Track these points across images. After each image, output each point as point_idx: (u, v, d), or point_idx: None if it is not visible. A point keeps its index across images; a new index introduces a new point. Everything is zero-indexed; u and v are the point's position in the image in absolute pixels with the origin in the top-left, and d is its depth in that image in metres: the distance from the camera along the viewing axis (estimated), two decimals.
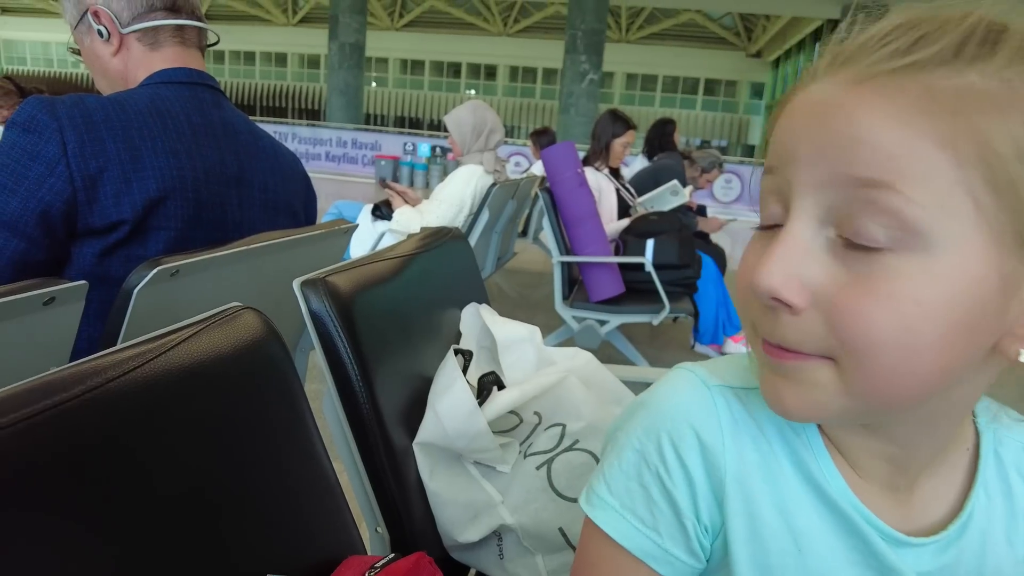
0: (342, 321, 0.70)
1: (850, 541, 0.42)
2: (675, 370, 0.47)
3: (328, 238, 1.16)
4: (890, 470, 0.42)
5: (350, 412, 0.71)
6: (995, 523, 0.44)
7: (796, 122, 0.36)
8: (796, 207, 0.35)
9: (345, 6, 14.95)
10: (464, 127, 2.65)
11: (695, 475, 0.42)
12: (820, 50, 0.39)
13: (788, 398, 0.38)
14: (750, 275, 0.36)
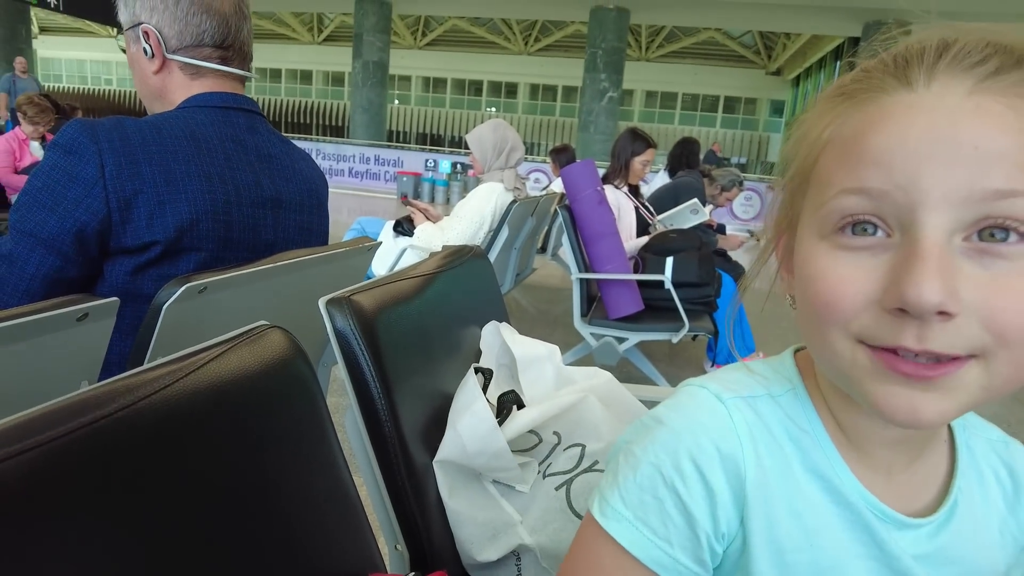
0: (366, 339, 0.71)
1: (856, 533, 0.45)
2: (686, 387, 0.49)
3: (352, 256, 1.18)
4: (891, 454, 0.46)
5: (372, 429, 0.72)
6: (976, 508, 0.48)
7: (911, 140, 0.36)
8: (927, 222, 0.36)
9: (369, 25, 15.21)
10: (485, 145, 2.68)
11: (717, 487, 0.44)
12: (859, 57, 0.41)
13: (927, 410, 0.38)
14: (905, 288, 0.35)
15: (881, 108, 0.38)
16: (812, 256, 0.41)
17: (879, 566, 0.45)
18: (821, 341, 0.41)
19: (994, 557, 0.48)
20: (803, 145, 0.44)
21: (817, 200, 0.41)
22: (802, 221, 0.44)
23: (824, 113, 0.43)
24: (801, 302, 0.43)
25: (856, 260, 0.39)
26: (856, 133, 0.39)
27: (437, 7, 17.28)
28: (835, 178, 0.40)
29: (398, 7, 16.13)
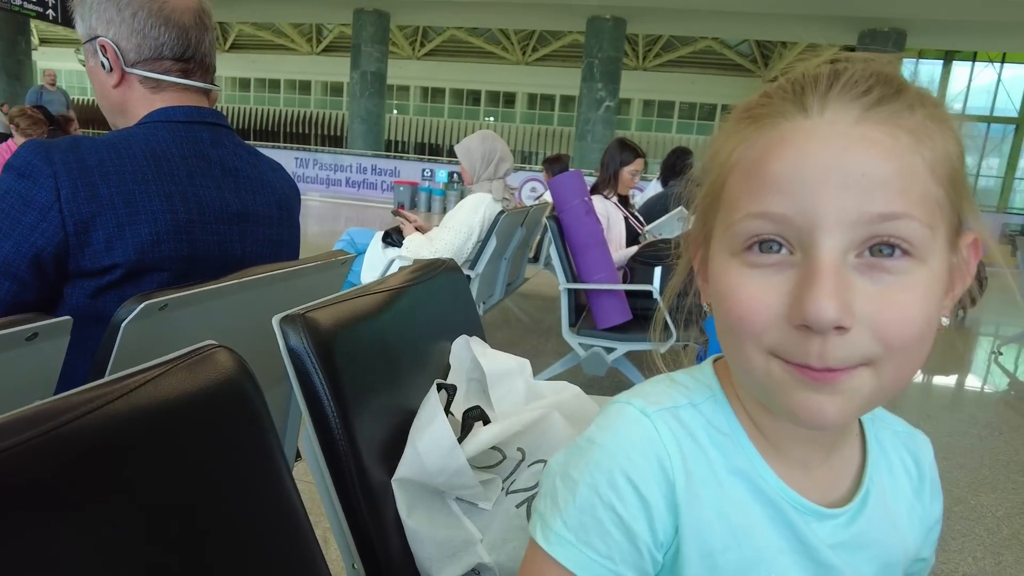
0: (320, 358, 0.71)
1: (779, 528, 0.48)
2: (614, 405, 0.50)
3: (325, 269, 1.17)
4: (807, 451, 0.50)
5: (326, 449, 0.71)
6: (886, 496, 0.52)
7: (808, 168, 0.40)
8: (824, 244, 0.39)
9: (367, 36, 15.28)
10: (474, 156, 2.68)
11: (651, 500, 0.47)
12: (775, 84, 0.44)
13: (830, 411, 0.41)
14: (806, 307, 0.39)
15: (781, 134, 0.42)
16: (725, 272, 0.44)
17: (801, 558, 0.48)
18: (738, 353, 0.44)
19: (904, 538, 0.53)
20: (714, 165, 0.47)
21: (726, 220, 0.44)
22: (714, 236, 0.47)
23: (732, 135, 0.45)
24: (717, 314, 0.46)
25: (764, 277, 0.42)
26: (759, 158, 0.42)
27: (435, 18, 17.36)
28: (742, 201, 0.43)
29: (396, 18, 16.21)
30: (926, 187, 0.40)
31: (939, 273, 0.41)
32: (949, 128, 0.42)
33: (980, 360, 4.90)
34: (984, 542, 2.14)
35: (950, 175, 0.41)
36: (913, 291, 0.40)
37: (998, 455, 2.96)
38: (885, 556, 0.52)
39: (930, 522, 0.56)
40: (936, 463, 0.57)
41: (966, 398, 4.10)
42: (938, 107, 0.42)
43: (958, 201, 0.42)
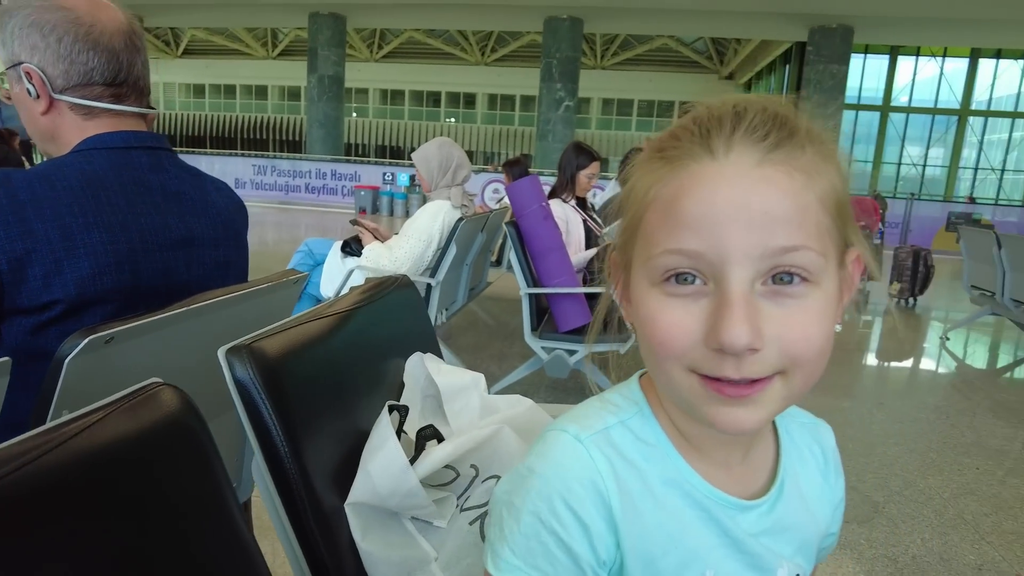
0: (267, 388, 0.71)
1: (709, 526, 0.53)
2: (550, 432, 0.54)
3: (277, 290, 1.17)
4: (727, 451, 0.55)
5: (277, 479, 0.72)
6: (799, 483, 0.59)
7: (717, 208, 0.44)
8: (733, 276, 0.44)
9: (324, 39, 15.12)
10: (431, 163, 2.69)
11: (590, 522, 0.50)
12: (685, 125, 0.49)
13: (748, 419, 0.47)
14: (721, 335, 0.44)
15: (691, 175, 0.46)
16: (645, 301, 0.48)
17: (731, 550, 0.53)
18: (661, 371, 0.49)
19: (816, 519, 0.60)
20: (632, 200, 0.51)
21: (645, 253, 0.48)
22: (634, 266, 0.51)
23: (647, 174, 0.49)
24: (640, 335, 0.50)
25: (682, 305, 0.46)
26: (673, 197, 0.46)
27: (392, 20, 17.25)
28: (659, 237, 0.47)
29: (353, 21, 16.07)
30: (818, 219, 0.45)
31: (831, 292, 0.47)
32: (834, 162, 0.48)
33: (929, 346, 5.07)
34: (932, 523, 2.23)
35: (836, 204, 0.47)
36: (812, 312, 0.46)
37: (945, 438, 3.07)
38: (802, 536, 0.58)
39: (835, 501, 0.63)
40: (887, 447, 0.64)
41: (916, 384, 4.24)
42: (824, 143, 0.47)
43: (843, 226, 0.48)
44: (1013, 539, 2.17)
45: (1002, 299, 4.68)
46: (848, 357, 4.62)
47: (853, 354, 4.72)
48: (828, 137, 0.48)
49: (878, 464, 2.69)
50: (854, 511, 2.27)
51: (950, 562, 2.00)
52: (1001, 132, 18.59)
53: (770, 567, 0.55)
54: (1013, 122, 18.21)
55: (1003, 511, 2.36)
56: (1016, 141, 18.41)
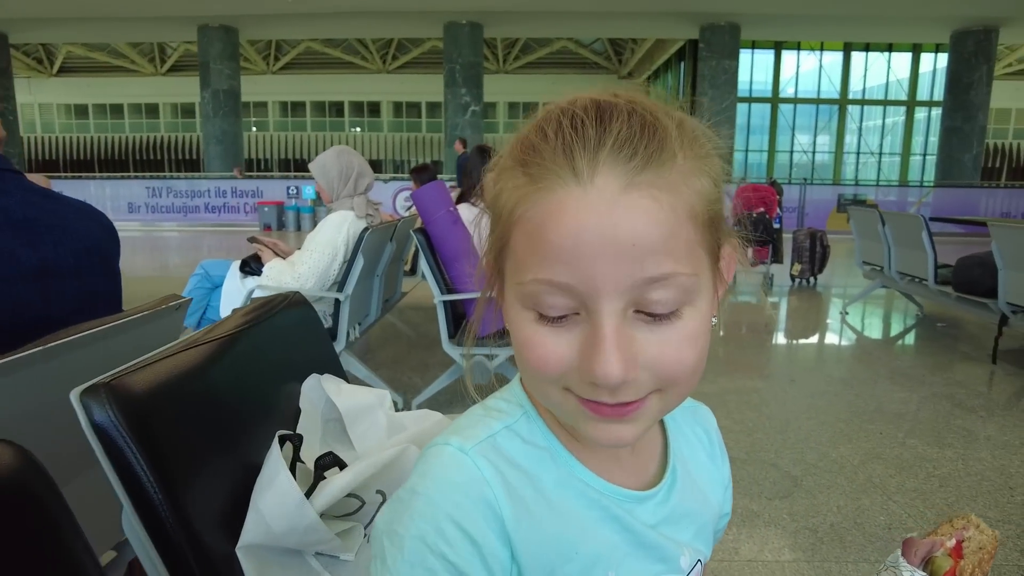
0: (135, 432, 0.63)
1: (608, 524, 0.51)
2: (432, 448, 0.50)
3: (155, 319, 1.07)
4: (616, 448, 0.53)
5: (152, 532, 0.64)
6: (690, 467, 0.59)
7: (584, 240, 0.42)
8: (604, 309, 0.43)
9: (215, 53, 14.50)
10: (330, 173, 2.58)
11: (481, 539, 0.47)
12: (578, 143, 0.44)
13: (627, 434, 0.46)
14: (595, 371, 0.42)
15: (558, 202, 0.43)
16: (518, 322, 0.46)
17: (633, 547, 0.52)
18: (538, 389, 0.48)
19: (711, 502, 0.61)
20: (499, 212, 0.47)
21: (515, 275, 0.46)
22: (507, 280, 0.47)
23: (512, 189, 0.46)
24: (518, 356, 0.47)
25: (555, 333, 0.45)
26: (540, 224, 0.43)
27: (286, 31, 16.74)
28: (528, 263, 0.44)
29: (245, 33, 15.49)
30: (689, 238, 0.44)
31: (706, 306, 0.46)
32: (706, 163, 0.46)
33: (832, 321, 5.36)
34: (845, 490, 2.33)
35: (708, 214, 0.45)
36: (686, 333, 0.45)
37: (852, 407, 3.23)
38: (699, 520, 0.59)
39: (725, 482, 0.64)
40: (801, 422, 0.65)
41: (823, 358, 4.46)
42: (698, 142, 0.46)
43: (715, 231, 0.47)
44: (915, 496, 2.29)
45: (889, 272, 5.00)
46: (759, 339, 4.80)
47: (764, 335, 4.92)
48: (703, 132, 0.47)
49: (794, 439, 2.79)
50: (775, 488, 2.34)
51: (863, 525, 2.09)
52: (876, 119, 20.01)
53: (672, 556, 0.55)
54: (885, 109, 19.64)
55: (905, 471, 2.49)
56: (889, 127, 19.85)
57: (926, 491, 2.33)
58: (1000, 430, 2.93)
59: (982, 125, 14.18)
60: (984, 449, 2.72)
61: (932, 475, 2.46)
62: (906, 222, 4.70)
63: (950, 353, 4.39)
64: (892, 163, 19.54)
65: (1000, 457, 2.63)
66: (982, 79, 13.97)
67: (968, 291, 4.04)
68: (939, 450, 2.69)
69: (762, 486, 2.35)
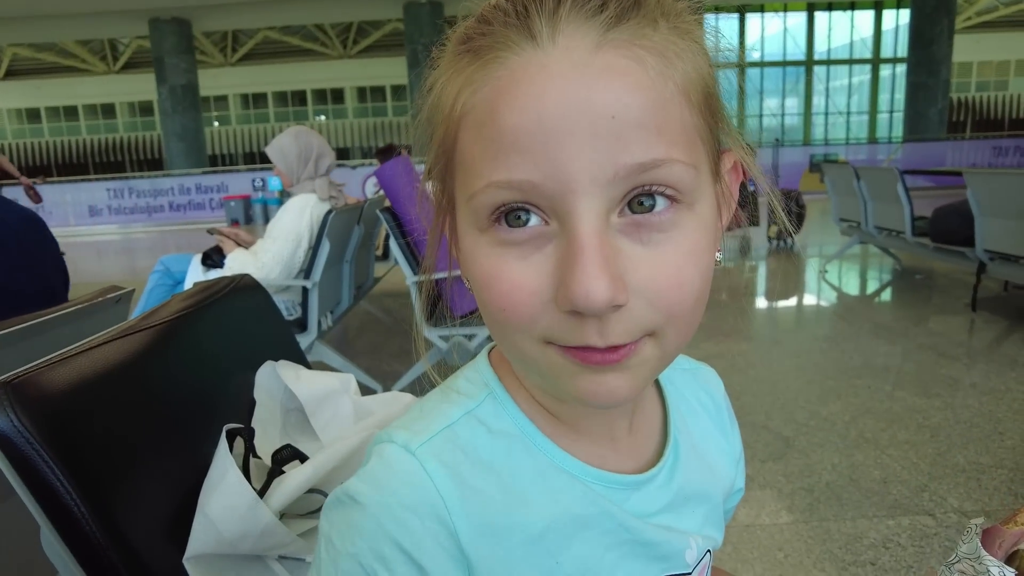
0: (46, 438, 0.54)
1: (602, 524, 0.42)
2: (376, 446, 0.41)
3: (92, 314, 0.97)
4: (608, 422, 0.44)
5: (79, 552, 0.55)
6: (694, 438, 0.50)
7: (547, 116, 0.32)
8: (581, 210, 0.33)
9: (169, 47, 14.09)
10: (289, 156, 2.47)
11: (428, 565, 0.38)
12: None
13: (622, 386, 0.37)
14: (573, 290, 0.32)
15: (511, 73, 0.33)
16: (475, 253, 0.37)
17: (628, 547, 0.43)
18: (509, 344, 0.38)
19: (720, 476, 0.52)
20: (438, 115, 0.38)
21: (466, 188, 0.36)
22: (458, 206, 0.38)
23: (453, 76, 0.37)
24: (478, 298, 0.38)
25: (521, 257, 0.35)
26: (490, 108, 0.34)
27: (241, 20, 16.30)
28: (478, 166, 0.35)
29: (199, 24, 15.07)
30: (683, 119, 0.34)
31: (709, 216, 0.37)
32: (696, 40, 0.36)
33: (811, 281, 5.36)
34: (838, 447, 2.30)
35: (705, 97, 0.36)
36: (685, 247, 0.35)
37: (838, 364, 3.21)
38: (708, 501, 0.50)
39: (736, 454, 0.55)
40: (789, 382, 0.56)
41: (805, 318, 4.46)
42: (680, 15, 0.36)
43: (715, 124, 0.38)
44: (908, 448, 2.27)
45: (867, 227, 5.00)
46: (741, 302, 4.79)
47: (745, 298, 4.90)
48: (686, 8, 0.37)
49: (783, 400, 2.76)
50: (768, 450, 2.30)
51: (858, 481, 2.06)
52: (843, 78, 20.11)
53: (675, 552, 0.46)
54: (851, 68, 19.72)
55: (896, 423, 2.47)
56: (856, 85, 19.96)
57: (918, 442, 2.31)
58: (984, 376, 2.93)
59: (946, 79, 14.31)
60: (971, 396, 2.71)
61: (923, 426, 2.44)
62: (881, 176, 4.69)
63: (930, 304, 4.41)
64: (860, 121, 19.71)
65: (987, 403, 2.62)
66: (943, 34, 14.05)
67: (946, 241, 4.04)
68: (927, 400, 2.68)
69: (754, 449, 2.31)
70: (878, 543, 1.72)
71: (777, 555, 1.71)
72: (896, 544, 1.71)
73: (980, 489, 1.97)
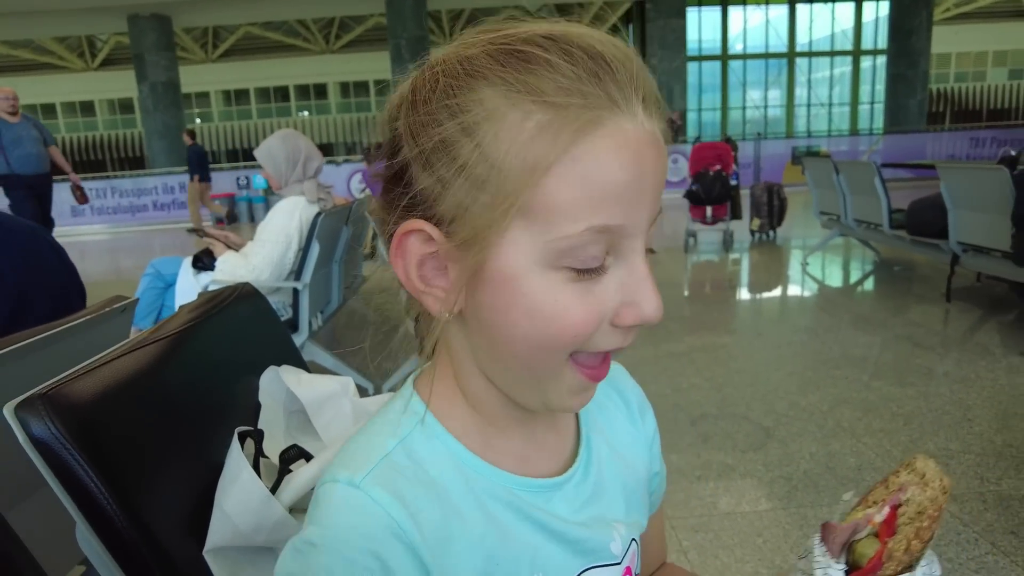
0: (80, 443, 0.59)
1: (528, 526, 0.47)
2: (321, 488, 0.44)
3: (100, 323, 1.02)
4: (530, 425, 0.50)
5: (112, 545, 0.60)
6: (607, 434, 0.56)
7: (643, 174, 0.39)
8: (639, 246, 0.41)
9: (149, 44, 13.95)
10: (277, 159, 2.50)
11: (401, 572, 0.42)
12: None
13: (592, 394, 0.46)
14: (645, 311, 0.41)
15: (610, 135, 0.38)
16: (545, 290, 0.40)
17: (556, 544, 0.48)
18: (535, 368, 0.43)
19: (635, 466, 0.57)
20: (505, 160, 0.38)
21: (549, 231, 0.39)
22: (518, 244, 0.40)
23: (542, 128, 0.38)
24: (518, 331, 0.41)
25: (588, 288, 0.40)
26: (598, 163, 0.38)
27: (221, 16, 16.16)
28: (578, 212, 0.38)
29: (179, 21, 14.91)
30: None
31: None
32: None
33: (793, 273, 5.46)
34: (816, 437, 2.38)
35: None
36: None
37: (818, 355, 3.31)
38: (626, 490, 0.55)
39: (649, 438, 0.60)
40: (769, 374, 0.67)
41: (787, 310, 4.55)
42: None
43: None
44: (882, 436, 2.36)
45: (846, 220, 5.10)
46: (724, 295, 4.87)
47: (728, 291, 4.99)
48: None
49: (763, 391, 2.85)
50: (748, 440, 2.39)
51: (835, 469, 2.15)
52: (824, 70, 20.28)
53: (600, 546, 0.51)
54: (832, 60, 19.90)
55: (872, 412, 2.56)
56: (837, 77, 20.14)
57: (891, 430, 2.40)
58: (957, 365, 3.04)
59: (925, 71, 14.50)
60: (943, 385, 2.81)
61: (896, 414, 2.54)
62: (859, 170, 4.79)
63: (907, 295, 4.52)
64: (842, 113, 19.88)
65: (958, 391, 2.72)
66: (922, 25, 14.24)
67: (921, 233, 4.15)
68: (902, 389, 2.77)
69: (735, 440, 2.39)
70: None
71: (756, 540, 1.79)
72: None
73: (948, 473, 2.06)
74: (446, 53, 0.43)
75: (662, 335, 3.48)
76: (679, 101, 14.11)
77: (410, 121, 0.42)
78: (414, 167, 0.42)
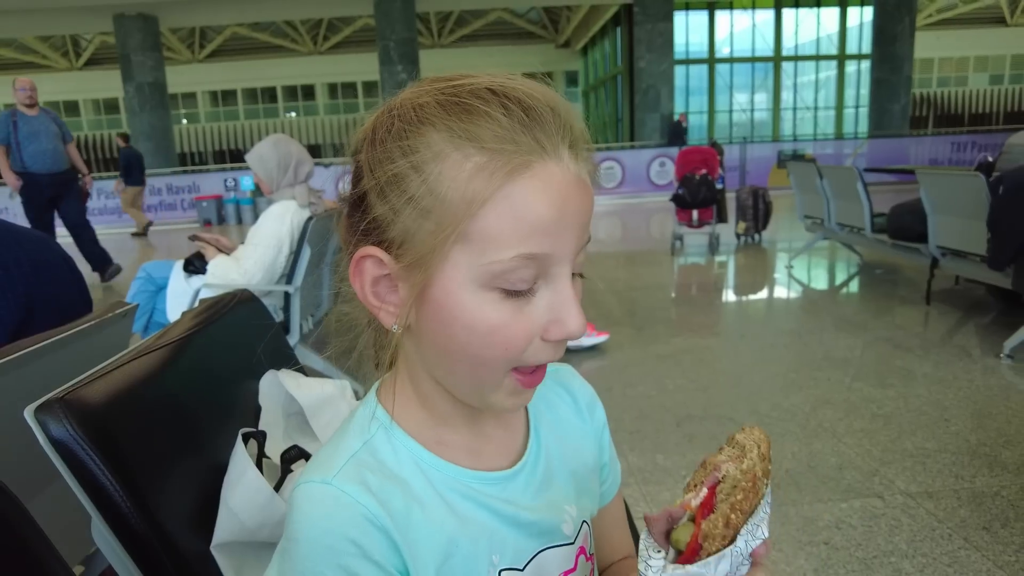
0: (95, 443, 0.62)
1: (483, 515, 0.52)
2: (296, 491, 0.49)
3: (102, 329, 1.05)
4: (480, 423, 0.56)
5: (126, 540, 0.64)
6: (555, 427, 0.61)
7: (566, 215, 0.45)
8: (565, 271, 0.47)
9: (135, 44, 13.86)
10: (269, 163, 2.53)
11: (383, 560, 0.47)
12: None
13: (528, 397, 0.52)
14: (569, 328, 0.47)
15: (537, 177, 0.44)
16: (478, 306, 0.46)
17: (512, 529, 0.53)
18: (476, 373, 0.48)
19: (584, 454, 0.63)
20: (446, 193, 0.44)
21: (483, 256, 0.45)
22: (457, 266, 0.46)
23: (479, 169, 0.44)
24: (461, 342, 0.47)
25: (519, 307, 0.46)
26: (525, 201, 0.44)
27: (208, 16, 16.08)
28: (505, 241, 0.44)
29: (165, 21, 14.82)
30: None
31: None
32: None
33: (778, 275, 5.54)
34: (798, 437, 2.44)
35: None
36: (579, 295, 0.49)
37: (801, 357, 3.37)
38: (575, 477, 0.61)
39: (598, 431, 0.65)
40: (753, 375, 0.71)
41: (771, 312, 4.62)
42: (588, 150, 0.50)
43: None
44: (862, 436, 2.42)
45: (830, 224, 5.18)
46: (709, 297, 4.94)
47: (713, 294, 5.05)
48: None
49: (747, 392, 2.90)
50: None
51: (816, 468, 2.20)
52: (810, 74, 20.49)
53: (552, 527, 0.56)
54: (817, 64, 20.12)
55: (853, 413, 2.62)
56: (823, 81, 20.36)
57: (872, 430, 2.46)
58: (935, 367, 3.11)
59: (908, 75, 14.68)
60: (922, 386, 2.88)
61: (877, 415, 2.60)
62: (842, 175, 4.87)
63: (889, 298, 4.60)
64: (827, 117, 20.09)
65: (936, 392, 2.79)
66: (906, 30, 14.42)
67: (902, 237, 4.23)
68: (882, 390, 2.84)
69: (720, 440, 2.41)
70: (831, 524, 1.85)
71: None
72: (848, 525, 1.84)
73: (925, 472, 2.13)
74: (403, 98, 0.48)
75: (649, 337, 3.54)
76: (666, 104, 14.19)
77: (369, 156, 0.47)
78: (371, 196, 0.48)
